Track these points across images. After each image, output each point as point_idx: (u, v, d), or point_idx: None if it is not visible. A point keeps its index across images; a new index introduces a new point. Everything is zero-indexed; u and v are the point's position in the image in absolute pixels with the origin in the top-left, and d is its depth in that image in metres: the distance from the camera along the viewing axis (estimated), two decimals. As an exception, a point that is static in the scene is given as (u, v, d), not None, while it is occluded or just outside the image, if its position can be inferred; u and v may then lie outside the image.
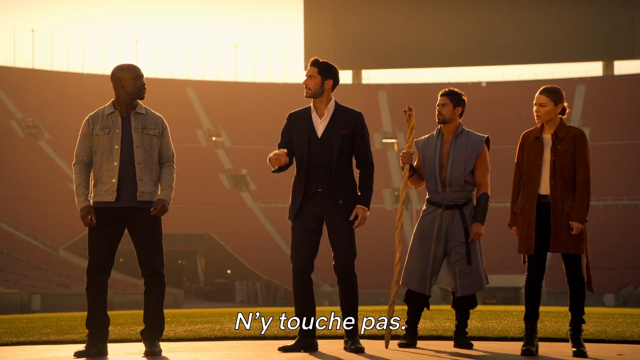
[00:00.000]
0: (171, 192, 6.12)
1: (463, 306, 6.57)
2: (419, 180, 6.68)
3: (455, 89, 6.69)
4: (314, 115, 6.19)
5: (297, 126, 6.20)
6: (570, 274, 6.02)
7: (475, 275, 6.45)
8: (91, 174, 6.11)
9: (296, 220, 6.16)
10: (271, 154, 6.03)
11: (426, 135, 6.73)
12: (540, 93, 6.09)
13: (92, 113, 6.12)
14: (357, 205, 6.12)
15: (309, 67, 6.18)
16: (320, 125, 6.16)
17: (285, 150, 6.06)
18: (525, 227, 6.02)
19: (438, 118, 6.58)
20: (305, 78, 6.17)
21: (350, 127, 6.15)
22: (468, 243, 6.43)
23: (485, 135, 6.68)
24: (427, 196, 6.67)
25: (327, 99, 6.18)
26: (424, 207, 6.66)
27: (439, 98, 6.61)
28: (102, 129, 6.01)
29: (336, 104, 6.23)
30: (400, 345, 6.56)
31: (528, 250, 6.01)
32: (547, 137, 6.06)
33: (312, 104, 6.24)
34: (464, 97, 6.62)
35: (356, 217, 6.09)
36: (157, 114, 6.22)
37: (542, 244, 6.03)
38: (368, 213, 6.09)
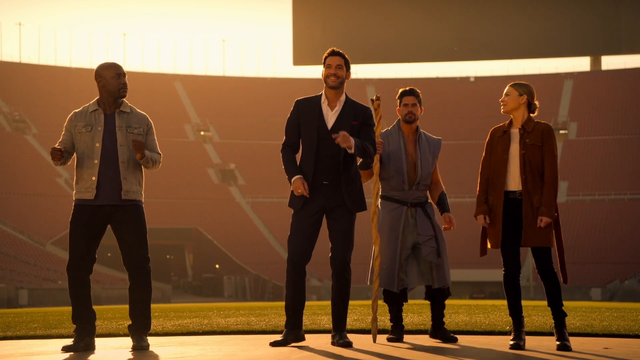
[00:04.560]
0: (152, 159, 6.00)
1: (439, 298, 6.62)
2: (370, 175, 6.58)
3: (416, 88, 6.71)
4: (325, 107, 6.11)
5: (306, 115, 6.09)
6: (542, 270, 6.06)
7: (447, 267, 6.54)
8: (74, 170, 6.11)
9: (299, 212, 6.10)
10: (297, 189, 5.98)
11: (384, 130, 6.67)
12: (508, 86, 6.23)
13: (77, 110, 6.10)
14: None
15: (332, 57, 6.05)
16: (331, 116, 6.09)
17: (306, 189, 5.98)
18: (492, 223, 6.07)
19: (409, 118, 6.55)
20: (327, 67, 6.03)
21: (360, 119, 6.10)
22: (437, 237, 6.52)
23: (440, 137, 6.80)
24: (384, 192, 6.64)
25: (342, 91, 6.14)
26: (383, 204, 6.62)
27: (404, 97, 6.57)
28: (85, 127, 6.00)
29: (346, 96, 6.16)
30: (388, 340, 6.57)
31: (496, 245, 6.06)
32: (515, 131, 6.11)
33: (323, 94, 6.13)
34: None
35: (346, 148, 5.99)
36: (142, 112, 6.17)
37: (514, 239, 6.05)
38: (352, 142, 5.88)
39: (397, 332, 6.64)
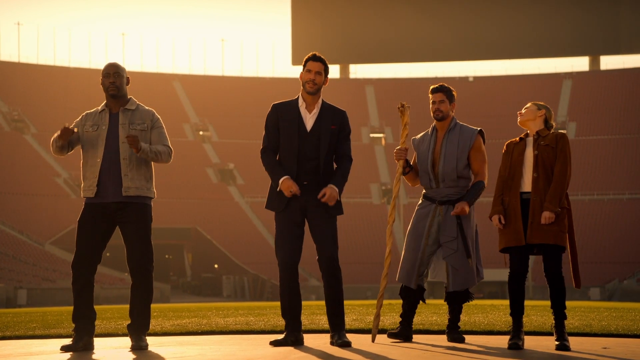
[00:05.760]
0: (153, 151, 6.03)
1: (456, 300, 6.59)
2: (416, 178, 6.70)
3: (445, 84, 6.72)
4: (303, 110, 6.19)
5: (285, 118, 6.18)
6: (549, 271, 6.06)
7: (466, 271, 6.47)
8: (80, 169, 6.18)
9: (281, 213, 6.15)
10: (289, 189, 6.00)
11: (422, 133, 6.74)
12: None
13: (89, 111, 6.22)
14: (329, 185, 6.10)
15: (312, 62, 6.14)
16: (309, 119, 6.17)
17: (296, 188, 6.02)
18: (512, 221, 6.08)
19: (437, 115, 6.57)
20: (307, 72, 6.13)
21: (338, 123, 6.21)
22: (464, 238, 6.44)
23: (478, 128, 6.70)
24: (424, 191, 6.70)
25: (319, 95, 6.23)
26: (420, 202, 6.69)
27: (432, 95, 6.59)
28: (92, 126, 6.09)
29: (323, 100, 6.26)
30: (389, 335, 6.55)
31: (518, 242, 6.04)
32: (530, 139, 6.24)
33: (300, 97, 6.23)
34: (454, 92, 6.68)
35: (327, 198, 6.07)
36: (148, 108, 6.23)
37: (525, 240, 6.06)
38: (336, 193, 6.06)
39: (402, 331, 6.61)
